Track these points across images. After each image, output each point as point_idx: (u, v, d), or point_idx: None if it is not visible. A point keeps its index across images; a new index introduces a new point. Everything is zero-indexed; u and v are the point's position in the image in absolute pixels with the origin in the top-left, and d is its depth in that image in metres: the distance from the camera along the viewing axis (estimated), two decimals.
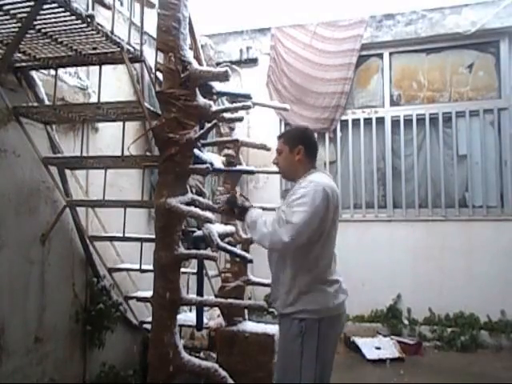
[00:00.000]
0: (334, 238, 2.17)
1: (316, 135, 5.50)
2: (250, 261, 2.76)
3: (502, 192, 5.01)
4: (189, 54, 2.41)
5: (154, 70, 2.58)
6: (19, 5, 1.94)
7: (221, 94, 2.82)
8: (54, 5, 1.93)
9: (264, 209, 3.70)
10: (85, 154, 2.94)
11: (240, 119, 2.88)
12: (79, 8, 2.01)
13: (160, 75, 2.53)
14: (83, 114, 2.66)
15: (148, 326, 3.16)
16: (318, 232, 2.05)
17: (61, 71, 2.82)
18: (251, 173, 3.46)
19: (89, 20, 2.06)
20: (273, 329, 3.24)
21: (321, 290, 2.08)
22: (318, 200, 2.01)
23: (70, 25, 2.11)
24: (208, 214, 2.32)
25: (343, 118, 5.49)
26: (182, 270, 2.53)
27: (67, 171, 2.95)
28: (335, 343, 2.19)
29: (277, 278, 2.21)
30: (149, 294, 2.53)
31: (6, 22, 2.08)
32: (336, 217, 2.15)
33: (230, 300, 2.65)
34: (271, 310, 5.39)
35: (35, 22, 2.06)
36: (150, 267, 2.48)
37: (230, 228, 2.97)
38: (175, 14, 2.34)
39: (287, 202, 2.12)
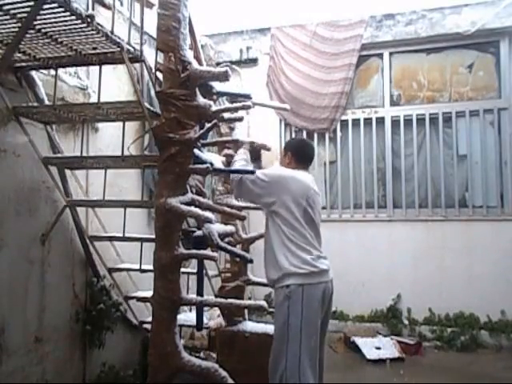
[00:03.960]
0: (305, 217, 2.53)
1: (316, 135, 5.57)
2: (250, 261, 2.75)
3: (502, 192, 5.02)
4: (189, 54, 2.41)
5: (154, 70, 2.58)
6: (19, 5, 1.94)
7: (221, 94, 2.81)
8: (53, 5, 1.93)
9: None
10: (85, 154, 2.94)
11: (240, 119, 2.87)
12: (79, 8, 2.01)
13: (160, 75, 2.53)
14: (83, 114, 2.66)
15: (148, 326, 3.16)
16: (278, 198, 2.51)
17: (61, 71, 2.82)
18: (251, 173, 3.45)
19: (89, 20, 2.06)
20: (273, 329, 3.23)
21: (299, 256, 2.45)
22: (276, 173, 2.60)
23: (70, 25, 2.10)
24: (208, 214, 2.32)
25: (343, 118, 5.49)
26: (182, 269, 2.52)
27: (67, 171, 2.95)
28: (318, 315, 2.45)
29: (264, 253, 2.64)
30: (149, 293, 2.53)
31: (5, 21, 2.08)
32: (301, 201, 2.53)
33: (230, 300, 2.65)
34: (271, 309, 5.41)
35: (35, 22, 2.06)
36: (150, 267, 2.47)
37: (230, 228, 2.97)
38: (175, 14, 2.33)
39: None
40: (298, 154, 2.76)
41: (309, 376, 2.35)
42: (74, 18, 2.03)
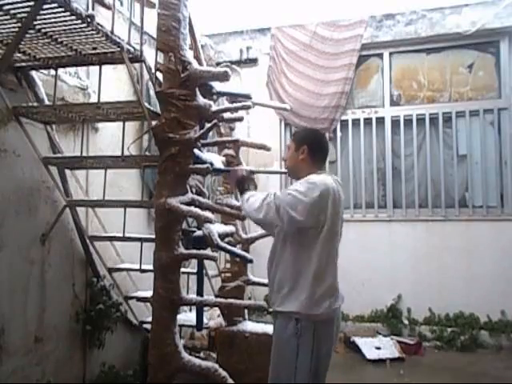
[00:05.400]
0: (334, 242, 2.14)
1: None
2: (250, 261, 2.76)
3: (502, 192, 5.01)
4: (189, 54, 2.41)
5: (153, 70, 2.58)
6: (19, 5, 1.94)
7: (221, 94, 2.82)
8: (53, 5, 1.93)
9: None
10: (85, 154, 2.94)
11: (240, 119, 2.87)
12: (79, 8, 2.01)
13: (160, 75, 2.53)
14: (83, 114, 2.66)
15: (148, 326, 3.15)
16: (314, 223, 2.02)
17: (61, 71, 2.82)
18: (251, 173, 3.45)
19: (89, 20, 2.06)
20: (273, 329, 3.23)
21: (319, 294, 2.05)
22: (315, 192, 1.99)
23: (70, 25, 2.11)
24: (208, 214, 2.32)
25: (343, 117, 5.48)
26: (182, 269, 2.53)
27: (67, 171, 2.95)
28: (330, 346, 2.15)
29: (274, 275, 2.16)
30: (149, 293, 2.53)
31: (5, 21, 2.08)
32: (335, 220, 2.11)
33: (230, 300, 2.65)
34: (271, 309, 5.40)
35: (35, 22, 2.06)
36: (150, 267, 2.48)
37: (230, 228, 2.97)
38: (175, 14, 2.34)
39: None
40: (317, 148, 2.22)
41: None
42: (74, 18, 2.03)
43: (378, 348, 4.49)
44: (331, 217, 2.06)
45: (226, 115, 2.69)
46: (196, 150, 2.45)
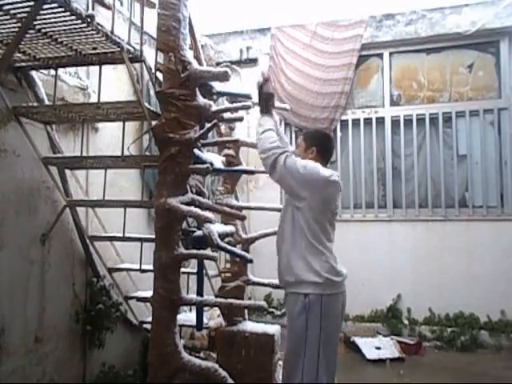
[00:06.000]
0: (332, 223, 2.42)
1: None
2: (250, 261, 2.76)
3: (502, 192, 5.01)
4: (189, 54, 2.41)
5: (153, 70, 2.58)
6: (19, 5, 1.94)
7: (221, 94, 2.82)
8: (53, 5, 1.93)
9: (264, 209, 3.74)
10: (85, 154, 2.94)
11: (240, 119, 2.87)
12: (79, 8, 2.01)
13: (160, 75, 2.53)
14: (83, 114, 2.66)
15: (148, 326, 3.16)
16: (310, 197, 2.31)
17: (61, 71, 2.82)
18: (251, 173, 3.46)
19: (89, 20, 2.06)
20: (273, 329, 3.24)
21: (322, 262, 2.30)
22: (311, 169, 2.32)
23: (70, 25, 2.10)
24: (208, 214, 2.32)
25: (343, 117, 5.49)
26: (182, 270, 2.53)
27: (67, 171, 2.95)
28: (337, 324, 2.37)
29: (280, 249, 2.45)
30: (149, 293, 2.53)
31: (5, 21, 2.08)
32: (331, 201, 2.40)
33: (230, 300, 2.65)
34: (271, 309, 5.42)
35: (35, 22, 2.06)
36: (150, 267, 2.48)
37: (230, 228, 2.97)
38: (175, 14, 2.33)
39: None
40: (325, 149, 2.51)
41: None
42: (74, 18, 2.03)
43: (378, 348, 4.49)
44: (327, 199, 2.37)
45: (226, 115, 2.69)
46: (196, 150, 2.45)
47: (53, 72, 2.65)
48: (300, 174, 2.30)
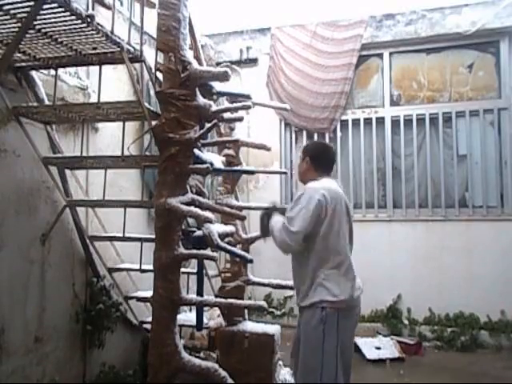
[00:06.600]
0: (342, 235, 2.50)
1: (316, 135, 5.56)
2: (250, 261, 2.75)
3: (502, 192, 5.01)
4: (189, 54, 2.41)
5: (154, 70, 2.58)
6: (19, 5, 1.94)
7: (221, 94, 2.82)
8: (53, 5, 1.93)
9: (264, 209, 3.73)
10: (85, 154, 2.94)
11: (240, 119, 2.87)
12: (79, 8, 2.01)
13: (160, 75, 2.53)
14: (83, 114, 2.66)
15: (148, 326, 3.15)
16: (320, 228, 2.36)
17: (61, 71, 2.82)
18: (251, 173, 3.45)
19: (89, 20, 2.06)
20: (273, 329, 3.24)
21: (338, 283, 2.35)
22: (312, 203, 2.34)
23: (70, 25, 2.11)
24: (208, 214, 2.32)
25: (343, 118, 5.49)
26: (182, 270, 2.53)
27: (67, 171, 2.95)
28: (353, 334, 2.44)
29: (297, 273, 2.49)
30: (149, 293, 2.53)
31: (6, 21, 2.08)
32: (338, 215, 2.44)
33: (230, 300, 2.65)
34: (271, 309, 5.42)
35: (35, 22, 2.06)
36: (150, 267, 2.48)
37: (230, 228, 2.97)
38: (175, 14, 2.33)
39: (290, 206, 2.48)
40: (318, 159, 2.58)
41: None
42: (74, 18, 2.03)
43: (378, 348, 4.49)
44: (332, 216, 2.39)
45: (226, 115, 2.68)
46: (196, 150, 2.45)
47: (53, 72, 2.65)
48: (308, 216, 2.33)
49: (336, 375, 2.28)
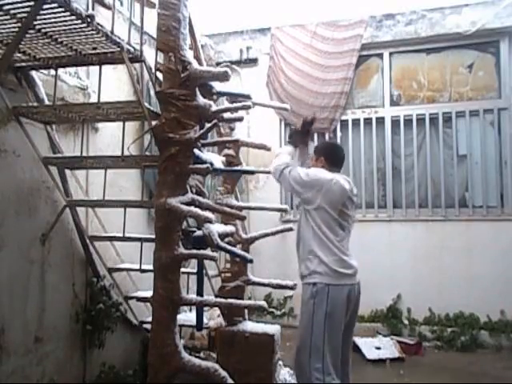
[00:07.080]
0: (337, 220, 2.74)
1: (316, 135, 5.56)
2: (250, 261, 2.76)
3: (502, 192, 5.02)
4: (189, 54, 2.41)
5: (154, 70, 2.58)
6: (19, 5, 1.94)
7: (221, 94, 2.82)
8: (53, 5, 1.93)
9: (264, 209, 3.76)
10: (85, 154, 2.94)
11: (240, 119, 2.87)
12: (79, 8, 2.01)
13: (160, 75, 2.53)
14: (83, 114, 2.66)
15: (148, 326, 3.16)
16: (316, 200, 2.67)
17: (61, 71, 2.82)
18: (251, 173, 3.46)
19: (89, 20, 2.06)
20: (273, 329, 3.24)
21: (331, 256, 2.64)
22: (316, 174, 2.73)
23: (70, 25, 2.10)
24: (208, 214, 2.32)
25: (343, 117, 5.49)
26: (182, 270, 2.53)
27: (67, 171, 2.95)
28: (343, 312, 2.62)
29: (298, 248, 2.85)
30: (149, 293, 2.53)
31: (6, 21, 2.08)
32: (336, 202, 2.71)
33: (230, 300, 2.65)
34: (271, 309, 5.42)
35: (35, 22, 2.06)
36: (150, 267, 2.47)
37: (230, 228, 2.97)
38: (175, 14, 2.33)
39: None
40: (332, 158, 2.88)
41: (331, 371, 2.56)
42: (74, 18, 2.03)
43: (378, 348, 4.49)
44: (332, 199, 2.69)
45: (226, 115, 2.68)
46: (196, 150, 2.45)
47: (53, 72, 2.65)
48: (302, 180, 2.71)
49: (323, 347, 2.54)
